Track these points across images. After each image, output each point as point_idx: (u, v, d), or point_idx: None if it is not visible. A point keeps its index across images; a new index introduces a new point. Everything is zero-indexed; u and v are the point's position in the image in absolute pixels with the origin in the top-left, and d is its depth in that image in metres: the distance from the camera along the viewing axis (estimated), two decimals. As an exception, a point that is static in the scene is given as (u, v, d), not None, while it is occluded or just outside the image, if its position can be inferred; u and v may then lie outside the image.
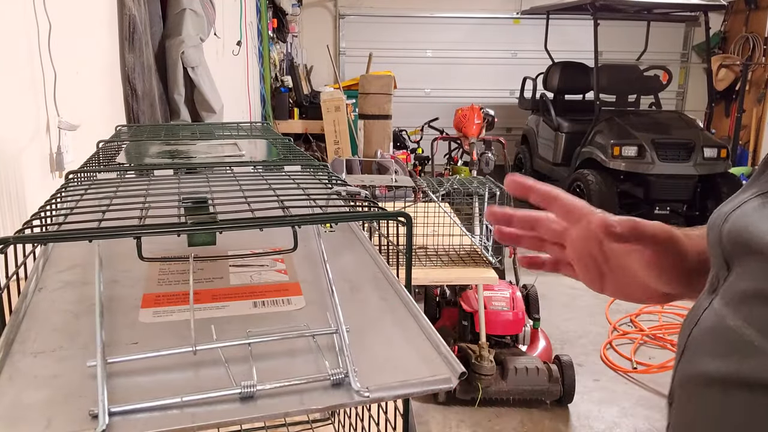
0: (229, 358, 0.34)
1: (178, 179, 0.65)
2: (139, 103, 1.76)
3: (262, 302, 0.43)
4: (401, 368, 0.35)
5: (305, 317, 0.41)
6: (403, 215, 0.46)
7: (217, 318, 0.40)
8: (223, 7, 3.21)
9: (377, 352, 0.37)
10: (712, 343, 0.38)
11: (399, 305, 0.43)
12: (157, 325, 0.40)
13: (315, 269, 0.48)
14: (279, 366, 0.35)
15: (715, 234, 0.42)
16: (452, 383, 0.34)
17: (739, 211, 0.40)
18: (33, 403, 0.30)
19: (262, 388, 0.32)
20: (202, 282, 0.45)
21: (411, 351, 0.38)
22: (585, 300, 3.70)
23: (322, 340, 0.37)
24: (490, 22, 7.44)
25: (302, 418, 0.77)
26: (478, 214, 2.22)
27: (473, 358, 2.42)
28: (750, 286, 0.36)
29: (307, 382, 0.33)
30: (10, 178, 1.04)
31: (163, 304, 0.42)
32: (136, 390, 0.31)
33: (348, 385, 0.33)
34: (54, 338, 0.37)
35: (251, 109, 4.64)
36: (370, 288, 0.46)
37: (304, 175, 0.65)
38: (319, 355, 0.36)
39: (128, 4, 1.69)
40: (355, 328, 0.39)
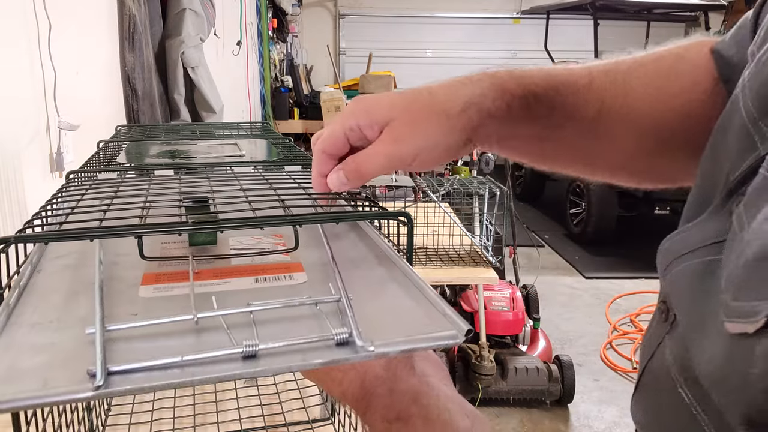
0: (231, 325, 0.34)
1: (178, 179, 0.65)
2: (139, 103, 1.76)
3: (264, 278, 0.43)
4: (406, 328, 0.35)
5: (308, 290, 0.41)
6: (404, 215, 0.46)
7: (219, 292, 0.40)
8: (223, 7, 3.21)
9: (381, 317, 0.37)
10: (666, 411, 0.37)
11: (402, 277, 0.43)
12: (158, 299, 0.40)
13: (317, 252, 0.48)
14: (282, 331, 0.34)
15: (660, 271, 0.40)
16: (459, 339, 0.34)
17: (681, 270, 0.37)
18: (30, 367, 0.30)
19: (264, 347, 0.32)
20: (203, 263, 0.46)
21: (416, 314, 0.37)
22: (585, 300, 3.70)
23: (326, 307, 0.37)
24: (490, 22, 7.44)
25: (303, 417, 0.77)
26: (478, 214, 2.22)
27: (473, 358, 2.42)
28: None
29: (310, 341, 0.33)
30: (10, 178, 1.04)
31: (164, 282, 0.42)
32: (136, 354, 0.31)
33: (353, 344, 0.33)
34: (52, 312, 0.37)
35: (251, 109, 4.64)
36: (373, 263, 0.46)
37: (304, 174, 0.65)
38: (323, 320, 0.35)
39: (128, 4, 1.69)
40: (359, 297, 0.38)
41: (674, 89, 0.47)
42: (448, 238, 2.03)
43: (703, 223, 0.37)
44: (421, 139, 0.46)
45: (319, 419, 0.76)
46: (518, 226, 3.00)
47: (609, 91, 0.48)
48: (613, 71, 0.49)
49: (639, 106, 0.48)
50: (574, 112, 0.48)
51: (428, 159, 0.47)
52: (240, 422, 0.75)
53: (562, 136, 0.50)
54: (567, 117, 0.49)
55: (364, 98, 0.49)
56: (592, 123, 0.49)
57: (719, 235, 0.34)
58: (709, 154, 0.40)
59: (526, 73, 0.49)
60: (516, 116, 0.48)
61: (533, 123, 0.49)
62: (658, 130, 0.48)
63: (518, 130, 0.49)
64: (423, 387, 0.38)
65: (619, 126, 0.49)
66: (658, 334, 0.40)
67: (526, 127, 0.49)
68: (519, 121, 0.48)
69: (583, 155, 0.53)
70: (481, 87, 0.48)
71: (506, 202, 2.07)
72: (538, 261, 3.57)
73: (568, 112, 0.48)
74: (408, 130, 0.46)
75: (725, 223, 0.34)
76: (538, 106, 0.48)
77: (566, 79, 0.49)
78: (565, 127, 0.49)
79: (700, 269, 0.35)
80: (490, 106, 0.47)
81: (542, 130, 0.49)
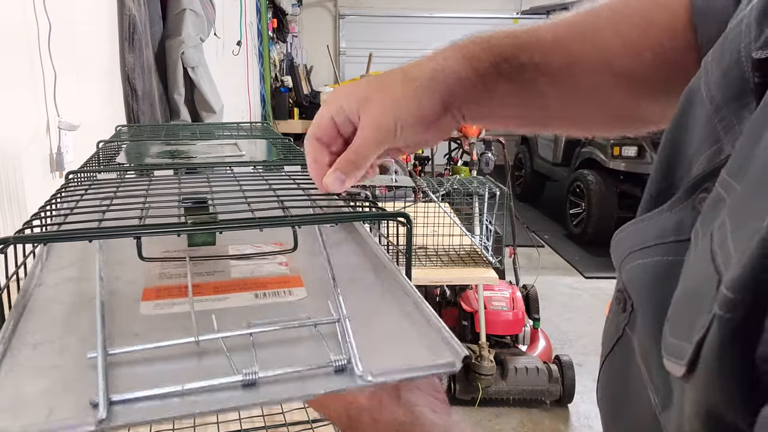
0: (231, 348, 0.35)
1: (178, 179, 0.65)
2: (139, 103, 1.76)
3: (263, 294, 0.43)
4: (404, 354, 0.35)
5: (307, 307, 0.42)
6: (403, 215, 0.46)
7: (219, 309, 0.40)
8: (223, 7, 3.21)
9: (380, 340, 0.37)
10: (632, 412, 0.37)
11: (401, 294, 0.43)
12: (158, 317, 0.40)
13: (315, 262, 0.48)
14: (281, 355, 0.35)
15: (615, 263, 0.39)
16: (456, 367, 0.34)
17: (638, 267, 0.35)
18: (34, 394, 0.30)
19: (264, 375, 0.32)
20: (203, 275, 0.46)
21: (414, 337, 0.38)
22: (585, 300, 3.70)
23: (325, 329, 0.37)
24: (490, 22, 7.43)
25: (302, 417, 0.77)
26: (478, 214, 2.22)
27: (473, 358, 2.41)
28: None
29: (309, 369, 0.33)
30: (10, 178, 1.04)
31: (164, 297, 0.42)
32: (137, 380, 0.31)
33: (351, 371, 0.33)
34: (54, 330, 0.37)
35: (251, 109, 4.64)
36: (372, 279, 0.46)
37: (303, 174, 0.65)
38: (321, 343, 0.36)
39: (128, 4, 1.69)
40: (357, 317, 0.39)
41: (648, 39, 0.46)
42: (448, 238, 2.03)
43: (662, 215, 0.35)
44: (395, 109, 0.47)
45: (319, 419, 0.76)
46: (518, 226, 3.00)
47: (576, 42, 0.48)
48: (580, 23, 0.49)
49: (611, 55, 0.47)
50: (544, 67, 0.48)
51: (411, 132, 0.48)
52: (240, 422, 0.75)
53: (537, 94, 0.50)
54: (538, 73, 0.48)
55: (344, 86, 0.51)
56: (563, 75, 0.48)
57: (680, 232, 0.32)
58: (671, 135, 0.38)
59: (491, 37, 0.50)
60: (488, 81, 0.48)
61: (506, 85, 0.49)
62: (633, 77, 0.47)
63: (493, 94, 0.49)
64: (408, 416, 0.37)
65: (592, 75, 0.48)
66: (617, 325, 0.40)
67: (502, 91, 0.49)
68: (491, 85, 0.49)
69: (564, 111, 0.52)
70: (448, 56, 0.49)
71: (506, 202, 2.07)
72: (538, 261, 3.57)
73: (537, 68, 0.48)
74: (383, 105, 0.48)
75: (686, 217, 0.32)
76: (506, 67, 0.48)
77: (531, 37, 0.49)
78: (538, 83, 0.49)
79: (659, 271, 0.33)
80: (458, 70, 0.48)
81: (517, 91, 0.49)
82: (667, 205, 0.35)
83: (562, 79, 0.48)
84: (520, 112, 0.52)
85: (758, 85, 0.30)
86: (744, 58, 0.31)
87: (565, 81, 0.48)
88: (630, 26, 0.47)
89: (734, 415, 0.23)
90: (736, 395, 0.23)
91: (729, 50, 0.33)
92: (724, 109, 0.32)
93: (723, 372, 0.23)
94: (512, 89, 0.49)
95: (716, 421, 0.24)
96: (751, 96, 0.30)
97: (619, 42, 0.47)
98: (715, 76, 0.33)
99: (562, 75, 0.48)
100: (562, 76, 0.48)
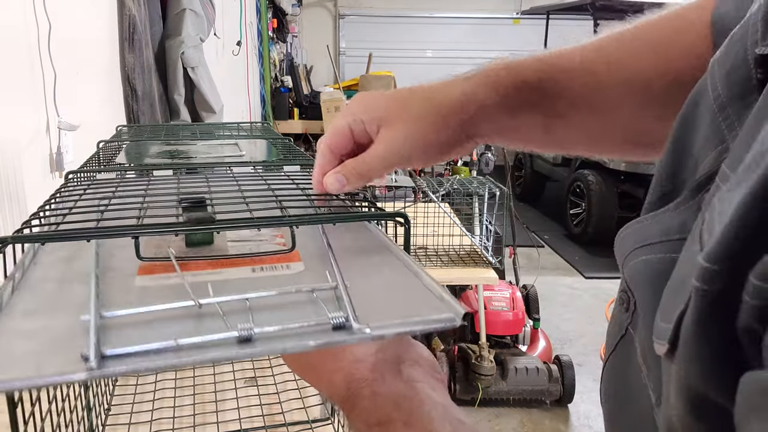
0: (227, 312, 0.34)
1: (177, 179, 0.65)
2: (139, 104, 1.76)
3: (261, 268, 0.43)
4: (403, 312, 0.35)
5: (305, 279, 0.41)
6: (402, 215, 0.46)
7: (215, 281, 0.40)
8: (223, 7, 3.21)
9: (378, 302, 0.37)
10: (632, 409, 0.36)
11: (398, 264, 0.43)
12: (154, 288, 0.40)
13: (314, 242, 0.48)
14: (278, 317, 0.34)
15: (618, 260, 0.39)
16: (455, 322, 0.34)
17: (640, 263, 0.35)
18: (23, 352, 0.30)
19: (260, 331, 0.32)
20: (199, 255, 0.46)
21: (412, 298, 0.38)
22: (585, 300, 3.70)
23: (323, 295, 0.37)
24: (490, 22, 7.44)
25: (302, 417, 0.77)
26: (478, 214, 2.22)
27: (473, 358, 2.42)
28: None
29: (307, 325, 0.33)
30: (9, 178, 1.04)
31: (161, 272, 0.42)
32: (131, 339, 0.31)
33: (350, 328, 0.33)
34: (46, 300, 0.37)
35: (251, 109, 4.64)
36: (370, 252, 0.46)
37: (303, 174, 0.65)
38: (319, 306, 0.36)
39: (128, 4, 1.69)
40: (355, 284, 0.38)
41: (673, 60, 0.46)
42: (448, 239, 2.03)
43: (666, 215, 0.35)
44: (415, 138, 0.47)
45: (319, 419, 0.76)
46: (518, 226, 3.00)
47: (601, 65, 0.48)
48: (605, 47, 0.49)
49: (633, 74, 0.47)
50: (568, 91, 0.48)
51: (425, 157, 0.48)
52: (240, 422, 0.75)
53: (560, 117, 0.50)
54: (561, 97, 0.48)
55: (364, 95, 0.50)
56: (587, 98, 0.48)
57: (683, 231, 0.32)
58: (677, 134, 0.38)
59: (518, 63, 0.50)
60: (512, 106, 0.48)
61: (530, 110, 0.49)
62: (657, 99, 0.47)
63: (517, 120, 0.49)
64: (408, 391, 0.37)
65: (616, 97, 0.48)
66: (620, 324, 0.40)
67: (525, 116, 0.49)
68: (515, 110, 0.48)
69: (587, 133, 0.52)
70: (474, 82, 0.49)
71: (506, 202, 2.07)
72: (538, 261, 3.57)
73: (561, 92, 0.48)
74: (402, 129, 0.47)
75: (691, 217, 0.32)
76: (531, 93, 0.48)
77: (556, 62, 0.49)
78: (561, 106, 0.49)
79: (661, 268, 0.33)
80: (483, 99, 0.48)
81: (540, 116, 0.49)
82: (672, 205, 0.35)
83: (585, 102, 0.48)
84: (541, 136, 0.52)
85: (761, 81, 0.30)
86: (749, 56, 0.31)
87: (589, 104, 0.49)
88: (654, 48, 0.47)
89: (715, 392, 0.23)
90: (715, 371, 0.23)
91: (734, 50, 0.33)
92: (728, 109, 0.32)
93: (702, 346, 0.23)
94: (535, 114, 0.49)
95: (699, 399, 0.24)
96: (756, 94, 0.30)
97: (643, 63, 0.47)
98: (719, 76, 0.34)
99: (585, 98, 0.48)
100: (585, 100, 0.48)
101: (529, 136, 0.52)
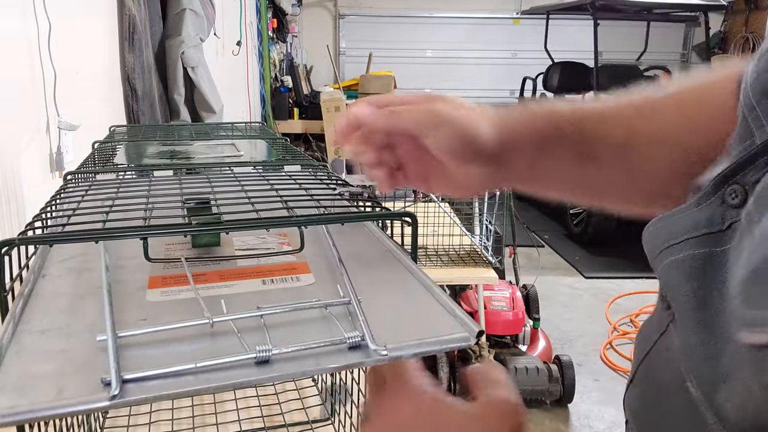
0: (242, 330, 0.34)
1: (179, 180, 0.65)
2: (139, 104, 1.75)
3: (270, 280, 0.43)
4: (417, 331, 0.35)
5: (316, 292, 0.41)
6: (409, 215, 0.46)
7: (226, 295, 0.40)
8: (223, 7, 3.21)
9: (392, 319, 0.37)
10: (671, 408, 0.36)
11: (410, 277, 0.43)
12: (166, 303, 0.40)
13: (322, 251, 0.48)
14: (292, 335, 0.34)
15: (650, 259, 0.39)
16: (470, 341, 0.34)
17: (674, 258, 0.36)
18: (43, 375, 0.30)
19: (277, 353, 0.31)
20: (209, 264, 0.45)
21: (426, 316, 0.37)
22: (585, 300, 3.70)
23: (336, 310, 0.37)
24: (490, 22, 7.44)
25: (302, 418, 0.77)
26: (478, 214, 2.21)
27: (473, 358, 2.41)
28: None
29: (323, 345, 0.33)
30: (9, 178, 1.04)
31: (171, 285, 0.42)
32: (149, 361, 0.31)
33: (365, 347, 0.33)
34: (60, 317, 0.37)
35: (251, 109, 4.64)
36: (380, 264, 0.46)
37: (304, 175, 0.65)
38: (333, 323, 0.35)
39: (128, 4, 1.69)
40: (368, 299, 0.38)
41: (702, 119, 0.47)
42: (448, 238, 2.03)
43: (690, 210, 0.36)
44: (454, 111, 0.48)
45: (319, 419, 0.76)
46: (518, 226, 3.00)
47: (637, 118, 0.49)
48: (641, 102, 0.50)
49: (671, 130, 0.48)
50: (603, 139, 0.49)
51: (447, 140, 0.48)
52: (239, 423, 0.74)
53: (592, 164, 0.50)
54: (596, 144, 0.49)
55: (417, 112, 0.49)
56: (621, 150, 0.48)
57: (711, 225, 0.33)
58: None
59: (554, 105, 0.51)
60: (547, 145, 0.49)
61: (564, 151, 0.49)
62: (692, 154, 0.47)
63: (552, 159, 0.50)
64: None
65: (650, 149, 0.48)
66: (660, 322, 0.40)
67: (558, 156, 0.49)
68: (549, 149, 0.49)
69: (618, 186, 0.52)
70: (512, 117, 0.49)
71: (506, 202, 2.06)
72: (538, 261, 3.57)
73: (596, 138, 0.49)
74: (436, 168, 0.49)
75: (716, 211, 0.33)
76: (568, 133, 0.49)
77: (593, 108, 0.50)
78: (595, 154, 0.49)
79: (694, 264, 0.33)
80: (522, 131, 0.49)
81: (573, 159, 0.49)
82: (694, 201, 0.35)
83: (619, 153, 0.49)
84: (568, 181, 0.52)
85: None
86: None
87: (623, 156, 0.49)
88: (689, 104, 0.48)
89: None
90: None
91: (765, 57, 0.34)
92: (756, 109, 0.33)
93: None
94: (568, 158, 0.49)
95: None
96: None
97: (679, 119, 0.47)
98: (749, 80, 0.35)
99: (620, 150, 0.49)
100: (619, 151, 0.49)
101: (559, 176, 0.51)
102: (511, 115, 0.49)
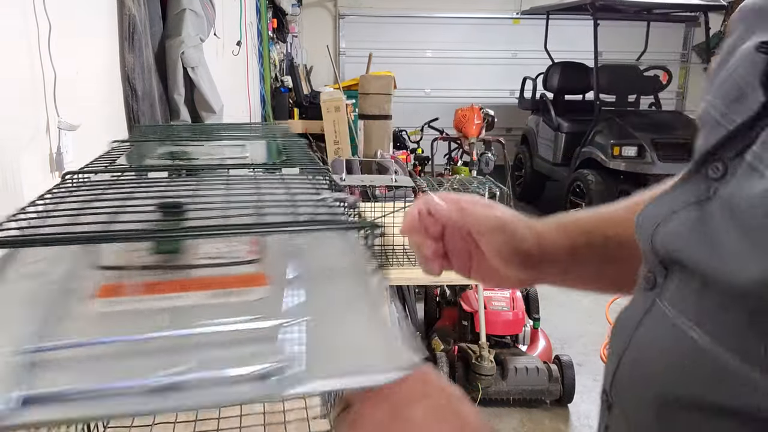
0: (168, 348, 0.33)
1: (166, 183, 0.65)
2: (139, 104, 1.75)
3: (222, 292, 0.42)
4: (352, 360, 0.34)
5: (263, 308, 0.40)
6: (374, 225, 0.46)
7: (173, 308, 0.39)
8: (223, 7, 3.21)
9: (331, 344, 0.36)
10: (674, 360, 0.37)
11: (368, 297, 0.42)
12: (107, 315, 0.39)
13: (288, 261, 0.47)
14: (215, 357, 0.33)
15: (644, 238, 0.42)
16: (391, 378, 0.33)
17: (671, 225, 0.39)
18: None
19: (178, 381, 0.30)
20: (167, 272, 0.45)
21: (368, 344, 0.36)
22: (585, 300, 3.70)
23: (272, 330, 0.36)
24: (490, 22, 7.44)
25: (302, 418, 0.77)
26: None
27: (473, 358, 2.42)
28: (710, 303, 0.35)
29: (235, 375, 0.31)
30: (9, 178, 1.04)
31: (122, 294, 0.41)
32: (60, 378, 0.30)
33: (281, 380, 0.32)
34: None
35: (251, 109, 4.64)
36: (340, 278, 0.45)
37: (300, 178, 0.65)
38: (261, 346, 0.34)
39: (128, 4, 1.69)
40: (313, 319, 0.38)
41: None
42: (447, 238, 2.03)
43: (679, 188, 0.40)
44: (491, 273, 0.56)
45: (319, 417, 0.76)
46: (518, 226, 3.00)
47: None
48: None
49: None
50: (622, 244, 0.54)
51: (492, 284, 0.59)
52: (240, 418, 0.74)
53: (616, 264, 0.56)
54: (617, 248, 0.55)
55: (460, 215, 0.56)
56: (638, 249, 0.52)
57: (699, 196, 0.37)
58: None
59: (579, 215, 0.59)
60: (578, 254, 0.56)
61: (592, 257, 0.56)
62: None
63: (582, 265, 0.56)
64: None
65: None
66: (644, 304, 0.41)
67: (587, 263, 0.56)
68: (581, 258, 0.56)
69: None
70: (549, 228, 0.57)
71: (506, 202, 2.06)
72: (538, 261, 3.56)
73: (617, 244, 0.55)
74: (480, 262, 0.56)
75: (700, 185, 0.37)
76: (593, 245, 0.56)
77: (611, 214, 0.57)
78: (618, 256, 0.55)
79: (695, 222, 0.37)
80: (558, 242, 0.56)
81: (599, 263, 0.56)
82: (679, 179, 0.40)
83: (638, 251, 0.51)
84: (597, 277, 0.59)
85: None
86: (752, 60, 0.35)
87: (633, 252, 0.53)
88: None
89: None
90: None
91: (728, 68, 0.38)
92: (728, 114, 0.36)
93: None
94: (596, 261, 0.56)
95: None
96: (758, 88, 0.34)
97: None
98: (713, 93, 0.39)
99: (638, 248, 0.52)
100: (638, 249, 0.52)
101: (588, 275, 0.58)
102: (548, 227, 0.57)
